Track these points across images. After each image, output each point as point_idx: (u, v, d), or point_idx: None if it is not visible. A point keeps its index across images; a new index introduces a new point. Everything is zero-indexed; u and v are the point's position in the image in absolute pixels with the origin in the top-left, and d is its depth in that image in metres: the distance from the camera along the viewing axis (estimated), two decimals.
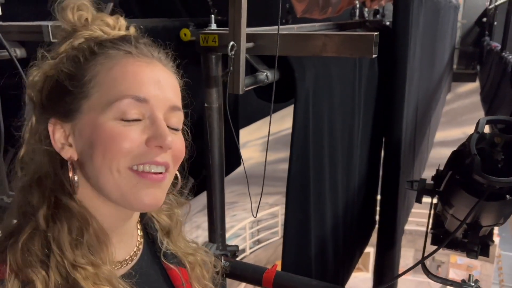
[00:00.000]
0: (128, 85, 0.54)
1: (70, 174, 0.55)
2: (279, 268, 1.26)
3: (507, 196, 1.07)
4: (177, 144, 0.58)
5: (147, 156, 0.54)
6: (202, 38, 1.14)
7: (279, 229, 10.13)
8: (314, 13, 2.78)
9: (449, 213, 1.28)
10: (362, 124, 1.99)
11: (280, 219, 10.17)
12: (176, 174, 0.61)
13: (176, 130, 0.59)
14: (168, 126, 0.56)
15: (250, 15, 1.08)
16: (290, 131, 1.30)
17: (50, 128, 0.56)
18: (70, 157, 0.56)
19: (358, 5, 2.99)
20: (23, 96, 1.15)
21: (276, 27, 1.08)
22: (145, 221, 0.69)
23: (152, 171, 0.54)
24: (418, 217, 8.80)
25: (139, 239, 0.66)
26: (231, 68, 1.00)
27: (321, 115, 1.41)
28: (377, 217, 2.52)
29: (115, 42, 0.57)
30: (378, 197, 2.41)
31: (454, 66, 10.10)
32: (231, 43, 0.99)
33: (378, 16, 4.07)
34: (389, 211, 2.27)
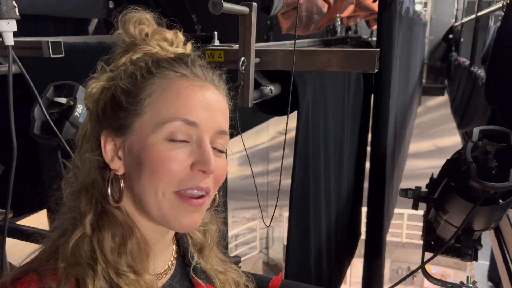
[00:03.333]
0: (179, 107, 0.55)
1: (122, 185, 0.57)
2: None
3: (500, 200, 1.14)
4: (220, 167, 0.58)
5: (192, 181, 0.55)
6: (208, 54, 1.18)
7: (257, 244, 10.10)
8: (298, 29, 2.86)
9: (443, 219, 1.34)
10: (350, 136, 2.05)
11: (259, 233, 10.14)
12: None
13: (221, 152, 0.60)
14: (213, 148, 0.57)
15: (234, 31, 1.12)
16: (265, 145, 1.33)
17: (102, 140, 0.57)
18: (118, 170, 0.57)
19: (339, 22, 3.09)
20: (31, 109, 1.15)
21: (277, 43, 1.13)
22: (179, 236, 0.70)
23: (194, 195, 0.56)
24: (393, 228, 8.98)
25: (173, 254, 0.67)
26: (241, 82, 1.03)
27: (317, 127, 1.46)
28: (363, 228, 2.58)
29: (171, 64, 0.58)
30: (364, 208, 2.47)
31: (424, 80, 10.49)
32: (242, 58, 1.03)
33: (349, 32, 4.22)
34: (375, 221, 2.33)
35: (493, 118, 2.35)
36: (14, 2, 0.92)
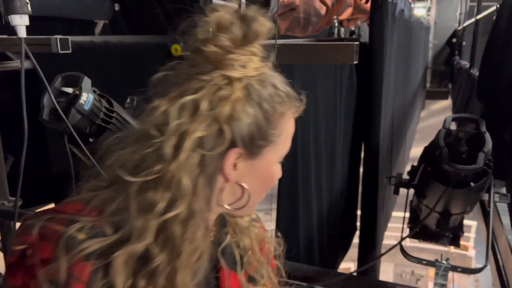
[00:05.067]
0: (290, 139, 0.67)
1: (242, 193, 0.65)
2: None
3: (472, 183, 1.23)
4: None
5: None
6: None
7: None
8: (296, 31, 2.97)
9: (423, 204, 1.43)
10: (343, 130, 2.14)
11: None
12: None
13: None
14: None
15: None
16: None
17: (231, 153, 0.60)
18: (231, 179, 0.62)
19: (336, 25, 3.19)
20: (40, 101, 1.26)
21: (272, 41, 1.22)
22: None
23: None
24: (396, 232, 8.98)
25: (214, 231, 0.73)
26: None
27: (307, 118, 1.55)
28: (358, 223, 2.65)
29: (290, 106, 0.64)
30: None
31: (428, 85, 10.54)
32: None
33: (354, 36, 4.33)
34: (369, 223, 2.37)
35: (483, 116, 2.44)
36: (27, 1, 1.03)
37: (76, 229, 0.54)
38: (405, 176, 1.49)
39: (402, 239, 1.31)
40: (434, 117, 11.74)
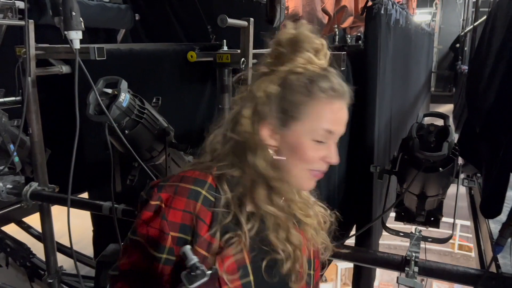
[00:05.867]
0: (325, 122, 0.78)
1: (276, 157, 0.81)
2: None
3: (440, 169, 1.48)
4: (336, 157, 0.83)
5: (320, 166, 0.81)
6: (218, 57, 1.55)
7: None
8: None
9: (404, 188, 1.68)
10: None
11: None
12: None
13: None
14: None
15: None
16: None
17: (265, 126, 0.79)
18: (272, 145, 0.80)
19: (337, 33, 3.44)
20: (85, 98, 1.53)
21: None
22: None
23: (318, 173, 0.82)
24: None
25: None
26: (242, 77, 1.39)
27: None
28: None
29: (323, 90, 0.77)
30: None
31: (432, 89, 10.72)
32: (242, 59, 1.40)
33: (360, 42, 4.58)
34: (364, 206, 2.56)
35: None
36: (80, 18, 1.31)
37: (200, 187, 0.78)
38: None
39: (383, 212, 1.56)
40: (439, 120, 11.91)
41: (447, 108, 11.12)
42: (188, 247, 0.70)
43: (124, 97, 1.45)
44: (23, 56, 1.81)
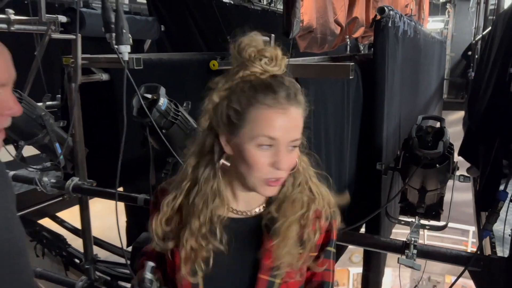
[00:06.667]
0: (265, 128, 0.80)
1: (229, 163, 0.87)
2: None
3: (437, 165, 1.68)
4: (292, 159, 0.84)
5: (272, 173, 0.82)
6: None
7: None
8: (313, 48, 3.45)
9: (405, 183, 1.88)
10: (351, 133, 2.60)
11: None
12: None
13: (294, 147, 0.83)
14: (289, 147, 0.82)
15: None
16: None
17: (221, 135, 0.85)
18: (228, 152, 0.86)
19: (349, 43, 3.66)
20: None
21: (294, 59, 1.71)
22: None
23: (273, 180, 0.84)
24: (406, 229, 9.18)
25: (261, 208, 0.93)
26: None
27: (319, 124, 2.03)
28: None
29: (264, 97, 0.80)
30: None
31: (445, 96, 10.81)
32: None
33: (372, 50, 4.80)
34: (373, 203, 2.75)
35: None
36: (129, 34, 1.55)
37: (168, 183, 0.95)
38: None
39: (387, 202, 1.77)
40: (451, 127, 11.94)
41: (460, 115, 11.18)
42: (150, 263, 0.89)
43: (163, 101, 1.69)
44: (70, 65, 2.07)
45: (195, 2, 3.83)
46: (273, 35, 1.63)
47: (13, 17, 2.57)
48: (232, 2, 4.63)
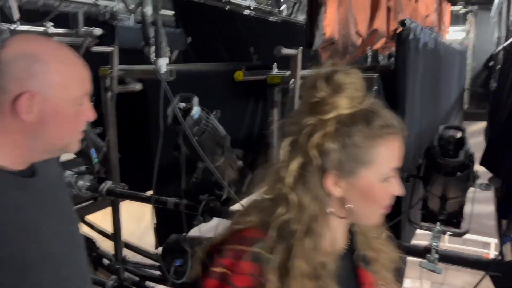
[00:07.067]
0: (394, 159, 0.76)
1: (346, 206, 0.77)
2: None
3: (458, 173, 1.74)
4: (403, 189, 0.80)
5: (389, 201, 0.79)
6: (269, 78, 1.88)
7: None
8: (335, 59, 3.54)
9: (427, 190, 1.94)
10: None
11: None
12: None
13: None
14: None
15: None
16: None
17: (329, 176, 0.74)
18: (338, 194, 0.76)
19: (370, 54, 3.73)
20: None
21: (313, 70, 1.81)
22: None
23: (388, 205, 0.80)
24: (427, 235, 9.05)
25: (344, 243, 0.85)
26: (290, 94, 1.72)
27: None
28: None
29: (382, 127, 0.73)
30: None
31: (466, 106, 10.70)
32: (292, 80, 1.72)
33: (392, 59, 4.87)
34: (395, 211, 2.83)
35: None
36: (168, 48, 1.67)
37: (260, 247, 0.73)
38: None
39: (408, 208, 1.83)
40: (472, 137, 11.75)
41: (480, 126, 11.04)
42: None
43: (196, 110, 1.80)
44: (108, 76, 2.21)
45: (219, 15, 3.97)
46: (300, 47, 1.73)
47: (52, 29, 2.74)
48: (253, 14, 4.76)
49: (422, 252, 1.65)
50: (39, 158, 0.88)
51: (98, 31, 2.77)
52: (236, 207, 2.09)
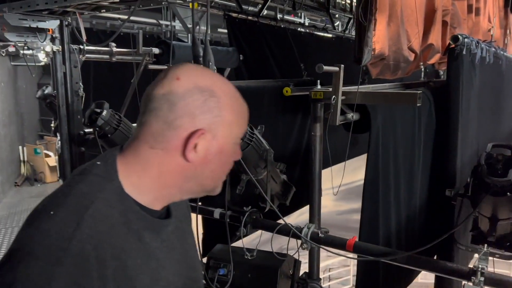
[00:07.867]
0: None
1: None
2: None
3: (508, 193, 1.67)
4: None
5: None
6: (312, 94, 1.92)
7: (350, 278, 10.23)
8: (386, 75, 3.49)
9: (476, 211, 1.87)
10: (422, 158, 2.60)
11: (352, 269, 10.29)
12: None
13: None
14: None
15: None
16: (362, 182, 1.93)
17: None
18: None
19: (423, 69, 3.65)
20: None
21: (361, 86, 1.83)
22: None
23: None
24: None
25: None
26: (332, 110, 1.75)
27: (387, 145, 2.09)
28: None
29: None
30: None
31: None
32: (333, 96, 1.76)
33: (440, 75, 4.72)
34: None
35: None
36: (214, 66, 1.78)
37: None
38: None
39: (456, 227, 1.77)
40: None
41: None
42: None
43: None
44: None
45: (272, 33, 4.08)
46: (342, 65, 1.76)
47: (114, 49, 2.98)
48: (306, 31, 4.83)
49: (467, 274, 1.60)
50: (180, 199, 0.83)
51: (156, 50, 2.96)
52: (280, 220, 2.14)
